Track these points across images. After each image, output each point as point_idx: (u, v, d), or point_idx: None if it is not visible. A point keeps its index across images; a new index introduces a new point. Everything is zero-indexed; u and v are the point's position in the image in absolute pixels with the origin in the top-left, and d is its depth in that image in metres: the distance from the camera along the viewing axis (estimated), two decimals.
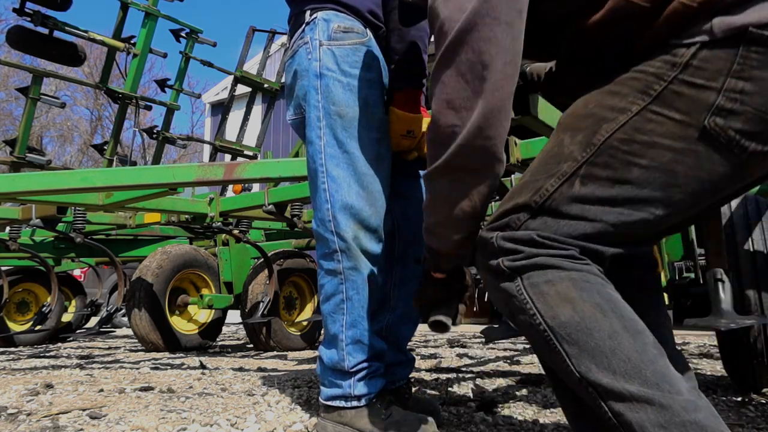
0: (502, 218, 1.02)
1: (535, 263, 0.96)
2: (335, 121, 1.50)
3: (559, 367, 0.95)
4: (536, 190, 0.99)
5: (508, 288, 0.99)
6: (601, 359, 0.89)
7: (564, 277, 0.94)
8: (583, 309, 0.92)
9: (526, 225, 0.99)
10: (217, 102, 13.91)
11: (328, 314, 1.53)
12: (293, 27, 1.64)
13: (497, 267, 0.99)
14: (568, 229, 0.96)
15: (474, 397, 2.06)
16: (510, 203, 1.02)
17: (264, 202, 3.12)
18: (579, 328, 0.91)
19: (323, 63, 1.52)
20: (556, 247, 0.96)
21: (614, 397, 0.88)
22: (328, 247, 1.52)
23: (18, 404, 2.04)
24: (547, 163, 1.00)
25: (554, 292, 0.94)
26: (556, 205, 0.97)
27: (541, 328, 0.95)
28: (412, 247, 1.73)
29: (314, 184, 1.56)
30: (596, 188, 0.95)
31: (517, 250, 0.98)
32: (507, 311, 1.01)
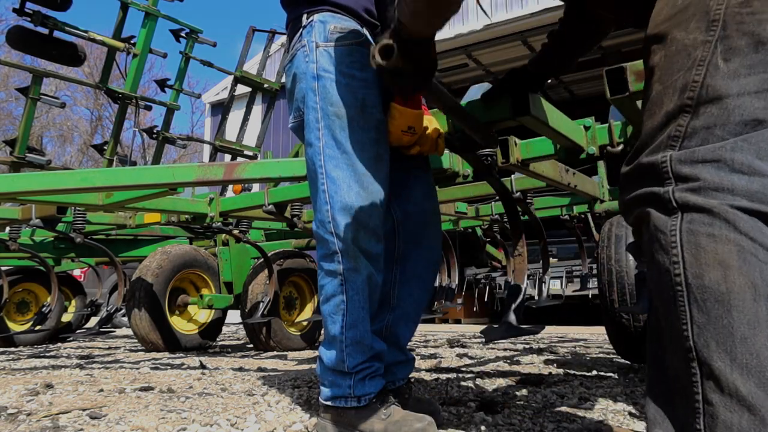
0: (659, 134, 0.92)
1: (709, 207, 0.84)
2: (333, 122, 1.50)
3: (674, 327, 0.86)
4: (682, 88, 0.90)
5: (661, 223, 0.88)
6: (726, 340, 0.80)
7: (731, 239, 0.83)
8: (735, 281, 0.81)
9: (692, 127, 0.88)
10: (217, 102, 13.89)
11: (328, 315, 1.53)
12: (291, 31, 1.65)
13: (665, 195, 0.88)
14: (739, 113, 0.86)
15: (474, 397, 2.06)
16: (657, 117, 0.93)
17: (264, 202, 3.12)
18: (719, 299, 0.81)
19: (320, 64, 1.52)
20: (743, 170, 0.84)
21: (716, 384, 0.80)
22: (328, 248, 1.52)
23: (18, 404, 2.04)
24: (674, 63, 0.92)
25: (712, 250, 0.83)
26: (713, 90, 0.88)
27: (678, 280, 0.85)
28: (412, 247, 1.73)
29: (314, 186, 1.56)
30: (742, 59, 0.87)
31: (696, 177, 0.86)
32: (646, 244, 0.92)
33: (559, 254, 8.40)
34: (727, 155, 0.85)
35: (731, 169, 0.84)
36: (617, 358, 3.41)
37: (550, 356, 3.66)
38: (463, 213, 3.92)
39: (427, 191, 1.79)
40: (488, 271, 8.51)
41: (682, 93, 0.89)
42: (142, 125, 5.14)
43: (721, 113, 0.86)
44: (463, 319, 10.10)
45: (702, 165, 0.86)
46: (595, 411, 1.85)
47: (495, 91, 1.67)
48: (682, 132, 0.89)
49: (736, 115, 0.85)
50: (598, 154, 2.19)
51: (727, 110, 0.86)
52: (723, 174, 0.84)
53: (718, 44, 0.88)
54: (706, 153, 0.86)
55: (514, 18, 8.95)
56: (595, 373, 2.76)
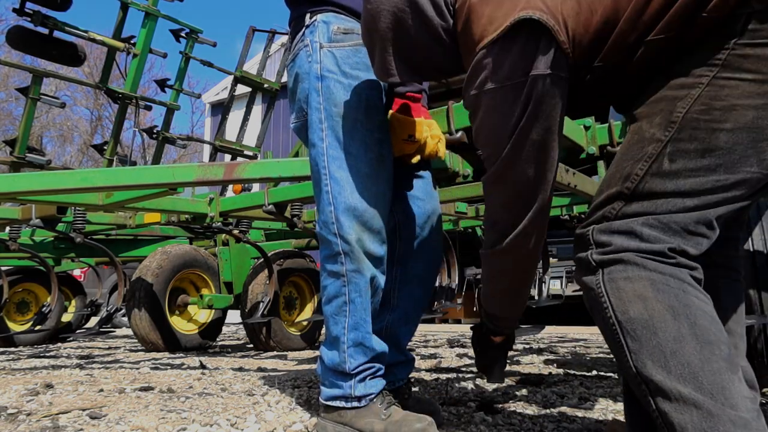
0: (597, 212, 1.04)
1: (620, 258, 0.98)
2: (337, 122, 1.50)
3: (620, 360, 0.97)
4: (626, 177, 1.00)
5: (588, 281, 1.02)
6: (659, 357, 0.91)
7: (644, 277, 0.96)
8: (654, 308, 0.94)
9: (622, 212, 1.00)
10: (217, 102, 13.90)
11: (330, 316, 1.53)
12: (294, 30, 1.64)
13: (586, 259, 1.03)
14: (667, 206, 0.97)
15: (474, 397, 2.06)
16: (602, 196, 1.04)
17: (264, 202, 3.11)
18: (645, 326, 0.93)
19: (324, 65, 1.52)
20: (649, 239, 0.97)
21: (663, 395, 0.90)
22: (331, 249, 1.51)
23: (18, 404, 2.04)
24: (630, 151, 1.01)
25: (630, 289, 0.96)
26: (649, 186, 0.98)
27: (611, 321, 0.97)
28: (412, 247, 1.73)
29: (318, 187, 1.55)
30: (686, 162, 0.95)
31: (609, 243, 1.00)
32: (587, 304, 1.04)
33: (559, 254, 8.39)
34: (637, 228, 0.98)
35: (640, 239, 0.97)
36: None
37: (550, 356, 3.66)
38: (463, 213, 3.92)
39: (428, 191, 1.79)
40: None
41: (624, 181, 1.00)
42: (142, 125, 5.15)
43: (650, 205, 0.98)
44: (463, 319, 10.10)
45: (617, 235, 1.00)
46: (595, 411, 1.85)
47: None
48: (613, 214, 1.01)
49: (663, 209, 0.97)
50: (598, 154, 2.20)
51: (656, 204, 0.97)
52: (632, 242, 0.98)
53: (669, 145, 0.97)
54: (621, 225, 1.00)
55: None
56: (595, 373, 2.76)
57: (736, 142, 0.93)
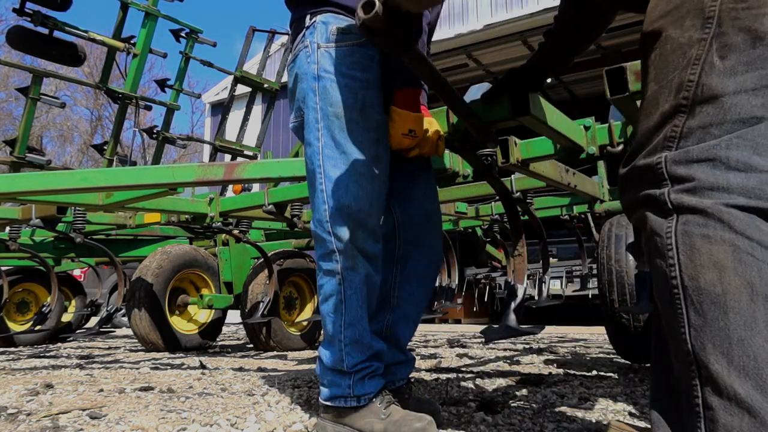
0: (654, 136, 0.91)
1: (704, 208, 0.83)
2: (333, 122, 1.51)
3: (673, 329, 0.85)
4: (677, 88, 0.89)
5: (657, 225, 0.88)
6: (723, 343, 0.79)
7: (726, 240, 0.82)
8: (730, 282, 0.80)
9: (688, 128, 0.87)
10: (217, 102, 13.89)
11: (326, 314, 1.54)
12: (295, 31, 1.65)
13: (661, 197, 0.88)
14: (736, 111, 0.84)
15: (474, 397, 2.06)
16: (653, 118, 0.92)
17: (264, 202, 3.12)
18: (715, 301, 0.81)
19: (321, 65, 1.52)
20: (738, 166, 0.82)
21: (714, 388, 0.79)
22: (326, 247, 1.52)
23: (18, 404, 2.04)
24: (670, 62, 0.91)
25: (707, 251, 0.82)
26: (708, 89, 0.86)
27: (674, 282, 0.85)
28: (412, 247, 1.73)
29: (312, 186, 1.56)
30: (739, 55, 0.86)
31: (690, 177, 0.85)
32: (646, 247, 0.92)
33: (559, 254, 8.40)
34: (722, 153, 0.84)
35: (727, 167, 0.83)
36: (617, 358, 3.41)
37: (550, 356, 3.66)
38: (463, 213, 3.92)
39: (428, 191, 1.79)
40: (488, 271, 8.51)
41: (677, 93, 0.89)
42: (142, 125, 5.15)
43: (718, 112, 0.85)
44: (463, 319, 10.10)
45: (697, 164, 0.85)
46: (595, 411, 1.85)
47: (495, 91, 1.67)
48: (678, 132, 0.88)
49: (733, 114, 0.84)
50: (598, 154, 2.19)
51: (724, 109, 0.85)
52: (718, 172, 0.84)
53: (714, 42, 0.87)
54: (701, 152, 0.85)
55: (514, 18, 8.95)
56: (595, 373, 2.76)
57: None
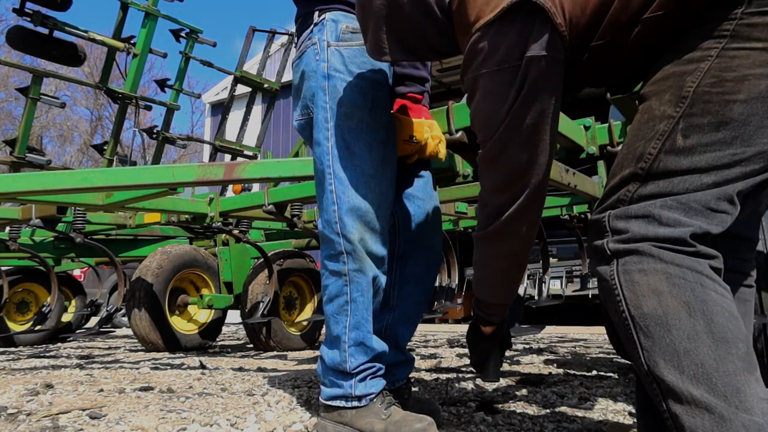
0: (611, 196, 1.01)
1: (635, 249, 0.94)
2: (343, 122, 1.50)
3: (633, 357, 0.94)
4: (639, 157, 0.97)
5: (602, 271, 0.98)
6: (672, 357, 0.88)
7: (659, 270, 0.92)
8: (668, 304, 0.90)
9: (638, 195, 0.96)
10: (217, 102, 13.90)
11: (331, 315, 1.53)
12: (301, 27, 1.63)
13: (601, 247, 0.99)
14: (684, 185, 0.93)
15: (474, 397, 2.06)
16: (615, 180, 1.01)
17: (264, 202, 3.11)
18: (659, 322, 0.90)
19: (331, 64, 1.51)
20: (669, 223, 0.92)
21: (674, 397, 0.87)
22: (334, 248, 1.51)
23: (18, 404, 2.04)
24: (641, 130, 0.98)
25: (644, 282, 0.92)
26: (665, 165, 0.94)
27: (624, 315, 0.94)
28: (412, 247, 1.73)
29: (321, 186, 1.55)
30: (701, 137, 0.92)
31: (626, 230, 0.96)
32: (600, 294, 1.01)
33: (559, 254, 8.40)
34: (656, 211, 0.93)
35: (659, 223, 0.93)
36: (617, 358, 3.41)
37: (550, 356, 3.66)
38: (463, 213, 3.92)
39: (428, 191, 1.79)
40: None
41: (637, 162, 0.97)
42: (142, 125, 5.15)
43: (667, 185, 0.94)
44: (463, 319, 10.10)
45: (634, 219, 0.95)
46: (595, 411, 1.85)
47: None
48: (628, 197, 0.97)
49: (681, 188, 0.93)
50: (598, 154, 2.19)
51: (673, 183, 0.93)
52: (650, 227, 0.94)
53: (681, 121, 0.93)
54: (638, 209, 0.95)
55: None
56: (595, 373, 2.76)
57: (750, 113, 0.90)
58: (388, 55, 1.27)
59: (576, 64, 1.07)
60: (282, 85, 5.64)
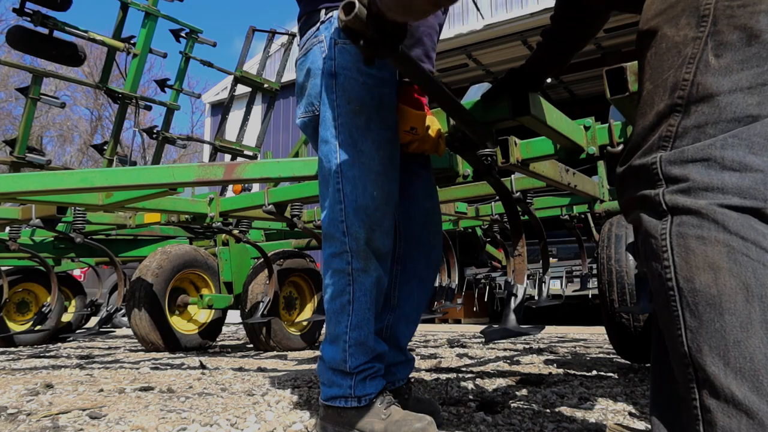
0: (649, 136, 0.90)
1: (698, 208, 0.83)
2: (351, 120, 1.49)
3: (670, 332, 0.85)
4: (673, 87, 0.88)
5: (651, 227, 0.87)
6: (719, 345, 0.79)
7: (721, 241, 0.81)
8: (725, 284, 0.80)
9: (683, 127, 0.86)
10: (217, 102, 13.89)
11: (332, 314, 1.52)
12: (305, 25, 1.63)
13: (655, 198, 0.87)
14: (731, 110, 0.84)
15: (474, 397, 2.06)
16: (648, 118, 0.91)
17: (264, 202, 3.12)
18: (711, 303, 0.80)
19: (338, 62, 1.50)
20: (732, 166, 0.82)
21: (711, 390, 0.79)
22: (339, 247, 1.50)
23: (18, 404, 2.04)
24: (665, 60, 0.90)
25: (701, 253, 0.82)
26: (704, 88, 0.86)
27: (670, 284, 0.84)
28: (412, 246, 1.73)
29: (326, 184, 1.54)
30: (734, 54, 0.85)
31: (685, 177, 0.85)
32: (641, 249, 0.91)
33: (559, 254, 8.40)
34: (716, 153, 0.83)
35: (722, 166, 0.83)
36: (617, 358, 3.41)
37: (550, 356, 3.66)
38: (463, 213, 3.92)
39: (428, 191, 1.79)
40: (488, 271, 8.52)
41: (672, 92, 0.88)
42: (142, 125, 5.14)
43: (713, 111, 0.85)
44: (463, 319, 10.10)
45: (692, 164, 0.85)
46: (595, 411, 1.85)
47: (494, 91, 1.66)
48: (673, 132, 0.87)
49: (728, 113, 0.84)
50: (598, 154, 2.19)
51: (719, 108, 0.84)
52: (713, 172, 0.83)
53: (709, 40, 0.86)
54: (696, 152, 0.85)
55: (513, 18, 8.96)
56: (595, 373, 2.76)
57: None
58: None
59: None
60: (282, 85, 5.64)
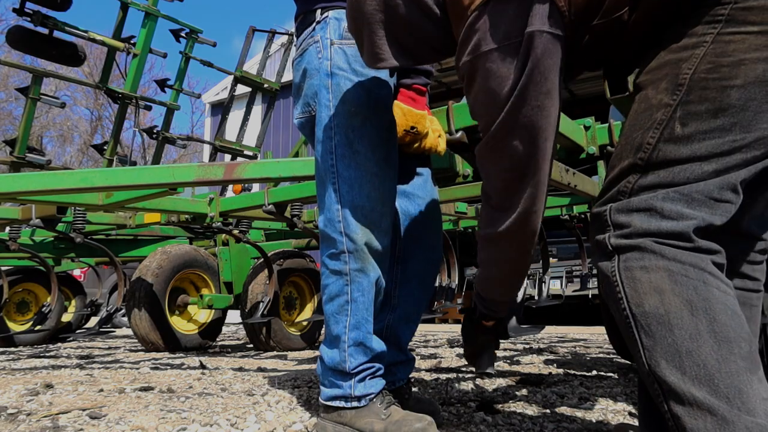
0: (611, 188, 0.99)
1: (637, 245, 0.92)
2: (347, 120, 1.49)
3: (634, 356, 0.93)
4: (637, 147, 0.95)
5: (604, 267, 0.97)
6: (674, 357, 0.86)
7: (661, 267, 0.90)
8: (670, 303, 0.88)
9: (638, 185, 0.94)
10: (217, 102, 13.90)
11: (331, 315, 1.52)
12: (301, 25, 1.63)
13: (603, 242, 0.97)
14: (685, 174, 0.90)
15: (474, 397, 2.06)
16: (614, 172, 0.99)
17: (264, 202, 3.12)
18: (660, 321, 0.88)
19: (335, 62, 1.51)
20: (671, 216, 0.90)
21: (676, 398, 0.86)
22: (336, 247, 1.50)
23: (18, 404, 2.04)
24: (638, 120, 0.96)
25: (646, 280, 0.91)
26: (664, 154, 0.92)
27: (625, 314, 0.93)
28: (412, 247, 1.73)
29: (323, 184, 1.54)
30: (699, 124, 0.90)
31: (628, 224, 0.94)
32: (602, 291, 1.00)
33: (559, 254, 8.40)
34: (657, 204, 0.91)
35: (661, 216, 0.91)
36: (617, 358, 3.41)
37: (550, 356, 3.66)
38: (463, 213, 3.92)
39: (428, 190, 1.79)
40: None
41: (636, 152, 0.95)
42: (142, 125, 5.14)
43: (667, 175, 0.92)
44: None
45: (636, 213, 0.93)
46: (595, 411, 1.85)
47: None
48: (629, 188, 0.95)
49: (681, 178, 0.91)
50: (598, 154, 2.20)
51: (673, 173, 0.91)
52: (653, 220, 0.92)
53: (678, 109, 0.92)
54: (640, 203, 0.93)
55: None
56: (595, 373, 2.76)
57: (748, 98, 0.88)
58: (386, 61, 1.20)
59: (574, 48, 1.04)
60: (282, 85, 5.64)
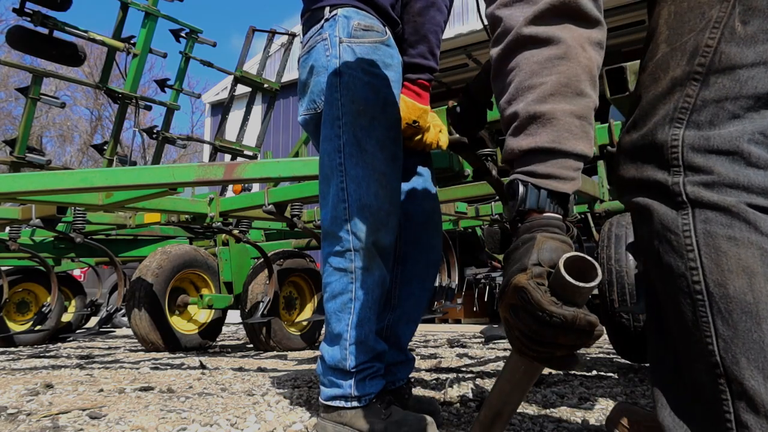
0: (662, 103, 0.81)
1: (726, 206, 0.74)
2: (355, 119, 1.49)
3: (693, 337, 0.76)
4: (692, 52, 0.80)
5: (667, 218, 0.78)
6: (758, 357, 0.72)
7: (754, 242, 0.74)
8: (761, 290, 0.73)
9: (702, 98, 0.78)
10: (217, 102, 13.89)
11: (333, 313, 1.51)
12: (308, 22, 1.63)
13: (674, 188, 0.77)
14: (752, 85, 0.76)
15: (474, 397, 2.06)
16: (662, 83, 0.82)
17: (264, 202, 3.12)
18: (746, 311, 0.72)
19: (343, 60, 1.51)
20: (759, 164, 0.74)
21: (750, 405, 0.72)
22: (341, 245, 1.49)
23: (18, 404, 2.04)
24: (686, 22, 0.81)
25: (734, 255, 0.74)
26: (728, 57, 0.77)
27: (698, 288, 0.75)
28: (413, 246, 1.73)
29: (328, 182, 1.54)
30: (762, 21, 0.77)
31: (709, 169, 0.76)
32: (649, 241, 0.81)
33: None
34: (744, 147, 0.76)
35: (747, 163, 0.76)
36: (617, 358, 3.41)
37: None
38: (463, 213, 3.92)
39: (428, 191, 1.79)
40: (488, 271, 8.52)
41: (692, 58, 0.79)
42: (142, 125, 5.14)
43: (733, 85, 0.77)
44: (463, 319, 10.09)
45: (717, 156, 0.76)
46: (595, 411, 1.85)
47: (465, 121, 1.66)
48: (690, 104, 0.79)
49: (749, 88, 0.76)
50: (598, 154, 2.20)
51: (740, 82, 0.77)
52: (738, 168, 0.76)
53: (737, 3, 0.78)
54: (722, 143, 0.76)
55: None
56: (595, 373, 2.76)
57: None
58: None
59: None
60: (282, 85, 5.64)
